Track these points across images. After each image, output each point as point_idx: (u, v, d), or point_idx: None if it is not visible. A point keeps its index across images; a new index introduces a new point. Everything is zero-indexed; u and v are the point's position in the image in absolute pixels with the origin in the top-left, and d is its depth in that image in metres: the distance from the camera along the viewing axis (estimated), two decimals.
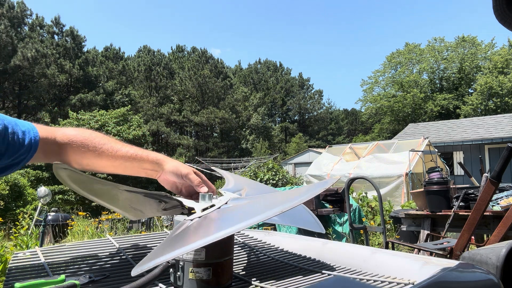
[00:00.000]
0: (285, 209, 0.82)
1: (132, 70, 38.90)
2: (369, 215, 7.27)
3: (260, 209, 0.89)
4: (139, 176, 4.78)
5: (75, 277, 0.93)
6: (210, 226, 0.86)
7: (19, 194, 11.52)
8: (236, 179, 1.34)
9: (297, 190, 1.06)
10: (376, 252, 1.16)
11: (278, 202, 0.93)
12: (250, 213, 0.87)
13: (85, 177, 1.09)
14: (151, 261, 0.75)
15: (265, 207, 0.90)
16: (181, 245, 0.77)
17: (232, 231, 0.76)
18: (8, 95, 27.93)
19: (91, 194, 1.15)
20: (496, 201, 3.49)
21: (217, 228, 0.81)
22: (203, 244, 0.74)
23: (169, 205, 1.10)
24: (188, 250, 0.77)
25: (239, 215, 0.88)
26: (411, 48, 34.60)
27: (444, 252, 2.56)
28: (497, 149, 14.07)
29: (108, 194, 1.15)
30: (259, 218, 0.81)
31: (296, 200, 0.87)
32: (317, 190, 0.97)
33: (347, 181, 3.79)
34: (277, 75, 49.63)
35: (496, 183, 2.19)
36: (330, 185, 0.99)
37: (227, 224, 0.82)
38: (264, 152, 33.97)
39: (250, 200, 1.06)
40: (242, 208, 0.96)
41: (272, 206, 0.87)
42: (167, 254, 0.75)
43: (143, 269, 0.75)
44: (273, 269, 1.05)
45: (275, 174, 12.01)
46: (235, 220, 0.84)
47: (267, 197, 1.11)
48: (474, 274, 0.99)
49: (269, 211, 0.82)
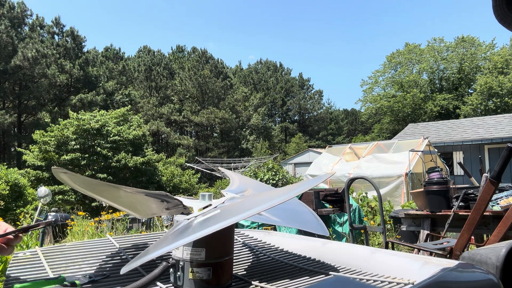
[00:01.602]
0: (275, 204, 0.82)
1: (132, 70, 38.90)
2: (369, 215, 7.27)
3: (251, 205, 0.90)
4: (139, 177, 4.77)
5: (75, 277, 0.93)
6: (203, 223, 0.86)
7: (19, 194, 11.52)
8: (241, 180, 1.34)
9: (290, 186, 1.06)
10: (376, 252, 1.16)
11: (269, 198, 0.93)
12: (240, 210, 0.87)
13: (86, 179, 1.09)
14: (139, 259, 0.76)
15: (256, 203, 0.90)
16: (164, 245, 0.78)
17: (220, 227, 0.76)
18: (8, 95, 27.92)
19: (94, 193, 1.15)
20: (496, 201, 3.49)
21: (204, 226, 0.81)
22: (185, 242, 0.75)
23: (171, 205, 1.10)
24: (168, 249, 0.77)
25: (231, 212, 0.88)
26: (411, 48, 34.59)
27: (444, 252, 2.56)
28: (497, 149, 14.07)
29: (111, 194, 1.16)
30: (248, 214, 0.81)
31: (287, 195, 0.87)
32: (309, 185, 0.97)
33: (347, 181, 3.79)
34: (277, 75, 49.64)
35: (496, 183, 2.19)
36: (323, 181, 0.98)
37: (216, 221, 0.81)
38: (264, 152, 33.97)
39: (244, 198, 1.06)
40: (235, 206, 0.96)
41: (263, 202, 0.87)
42: (149, 254, 0.76)
43: (131, 267, 0.75)
44: (273, 269, 1.05)
45: (275, 174, 12.02)
46: (225, 217, 0.84)
47: (262, 194, 1.11)
48: (474, 274, 0.99)
49: (258, 207, 0.82)
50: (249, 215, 0.81)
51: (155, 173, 18.04)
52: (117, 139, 16.46)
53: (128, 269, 0.75)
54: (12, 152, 30.66)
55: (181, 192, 18.11)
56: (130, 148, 17.10)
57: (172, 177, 19.09)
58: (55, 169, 1.01)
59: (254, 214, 0.82)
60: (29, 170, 15.69)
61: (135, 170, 16.89)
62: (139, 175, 17.09)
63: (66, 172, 1.03)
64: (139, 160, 16.46)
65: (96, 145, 16.01)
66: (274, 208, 0.94)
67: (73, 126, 16.00)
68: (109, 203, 1.18)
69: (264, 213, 1.12)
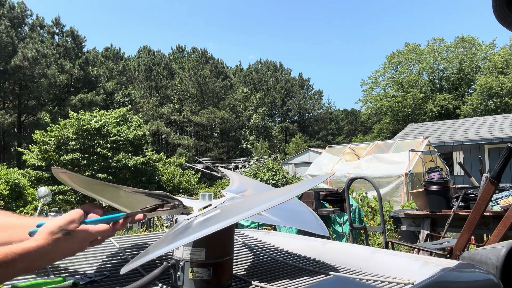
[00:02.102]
0: (275, 204, 0.82)
1: (132, 70, 38.90)
2: (369, 215, 7.27)
3: (251, 205, 0.90)
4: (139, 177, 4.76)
5: (75, 277, 0.93)
6: (202, 224, 0.86)
7: (19, 194, 11.52)
8: (241, 180, 1.34)
9: (290, 186, 1.06)
10: (376, 252, 1.16)
11: (269, 198, 0.93)
12: (240, 210, 0.87)
13: (86, 179, 1.09)
14: (139, 259, 0.76)
15: (256, 203, 0.90)
16: (165, 244, 0.78)
17: (220, 227, 0.76)
18: (8, 95, 27.92)
19: (94, 192, 1.15)
20: (496, 201, 3.49)
21: (204, 226, 0.81)
22: (185, 242, 0.76)
23: (170, 205, 1.10)
24: (167, 249, 0.77)
25: (231, 212, 0.88)
26: (411, 48, 34.59)
27: (444, 252, 2.56)
28: (497, 149, 14.07)
29: (111, 194, 1.16)
30: (248, 214, 0.81)
31: (287, 195, 0.87)
32: (309, 185, 0.97)
33: (347, 181, 3.79)
34: (277, 75, 49.64)
35: (496, 183, 2.19)
36: (323, 181, 0.98)
37: (216, 221, 0.81)
38: (264, 152, 33.96)
39: (244, 198, 1.06)
40: (235, 206, 0.96)
41: (263, 202, 0.87)
42: (149, 254, 0.76)
43: (131, 267, 0.75)
44: (273, 269, 1.05)
45: (275, 174, 12.02)
46: (225, 217, 0.84)
47: (262, 194, 1.11)
48: (473, 274, 0.99)
49: (258, 207, 0.82)
50: (249, 215, 0.81)
51: (155, 173, 18.04)
52: (117, 139, 16.45)
53: (128, 269, 0.75)
54: (12, 152, 30.65)
55: (181, 192, 18.12)
56: (130, 148, 17.10)
57: (172, 177, 19.09)
58: (55, 169, 1.01)
59: (254, 214, 0.82)
60: (29, 170, 15.68)
61: (135, 170, 16.88)
62: (139, 175, 17.09)
63: (66, 172, 1.03)
64: (139, 160, 16.45)
65: (96, 145, 16.00)
66: (274, 208, 0.93)
67: (73, 126, 16.00)
68: (109, 203, 1.18)
69: (264, 213, 1.12)
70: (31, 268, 0.76)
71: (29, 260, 0.73)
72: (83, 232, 0.82)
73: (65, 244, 0.79)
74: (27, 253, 0.72)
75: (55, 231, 0.78)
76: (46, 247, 0.76)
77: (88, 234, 0.83)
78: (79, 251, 0.85)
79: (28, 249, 0.73)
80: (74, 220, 0.82)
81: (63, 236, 0.78)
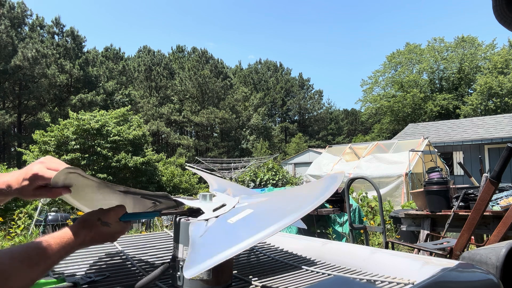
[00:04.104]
0: (316, 206, 0.82)
1: (132, 70, 38.89)
2: (369, 215, 7.27)
3: (292, 208, 0.87)
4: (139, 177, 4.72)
5: (75, 277, 0.93)
6: (260, 222, 0.85)
7: None
8: (217, 181, 1.36)
9: (311, 187, 1.04)
10: (376, 252, 1.16)
11: (303, 202, 0.90)
12: (285, 213, 0.85)
13: (79, 178, 1.04)
14: (211, 259, 0.74)
15: (296, 206, 0.88)
16: (242, 238, 0.77)
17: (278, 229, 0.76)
18: (8, 95, 27.92)
19: (81, 202, 1.09)
20: (496, 201, 3.48)
21: (267, 225, 0.79)
22: (267, 236, 0.76)
23: (163, 206, 1.08)
24: (253, 242, 0.76)
25: (278, 214, 0.86)
26: (411, 48, 34.59)
27: (444, 252, 2.56)
28: (497, 149, 14.07)
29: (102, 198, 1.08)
30: (296, 216, 0.80)
31: (322, 197, 0.86)
32: (334, 186, 0.94)
33: (347, 181, 3.79)
34: (277, 75, 49.64)
35: (495, 183, 2.19)
36: (340, 182, 0.98)
37: (273, 221, 0.80)
38: (264, 152, 33.96)
39: (269, 199, 1.05)
40: (272, 208, 0.95)
41: (301, 205, 0.86)
42: (230, 249, 0.74)
43: (203, 268, 0.74)
44: (273, 269, 1.05)
45: (275, 174, 12.02)
46: (277, 218, 0.82)
47: (286, 196, 1.10)
48: (473, 274, 0.99)
49: (300, 212, 0.82)
50: (294, 220, 0.79)
51: (155, 173, 18.05)
52: (117, 139, 16.45)
53: (196, 272, 0.73)
54: (12, 152, 30.65)
55: (181, 192, 18.13)
56: (130, 148, 17.10)
57: (172, 177, 19.10)
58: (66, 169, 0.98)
59: (299, 218, 0.81)
60: None
61: (135, 170, 16.89)
62: (139, 175, 17.09)
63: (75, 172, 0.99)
64: (139, 160, 16.46)
65: (96, 145, 16.01)
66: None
67: (73, 126, 16.00)
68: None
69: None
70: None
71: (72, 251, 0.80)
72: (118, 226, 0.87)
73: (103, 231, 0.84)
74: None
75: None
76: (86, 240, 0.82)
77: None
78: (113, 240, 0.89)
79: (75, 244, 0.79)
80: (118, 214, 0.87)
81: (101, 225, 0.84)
